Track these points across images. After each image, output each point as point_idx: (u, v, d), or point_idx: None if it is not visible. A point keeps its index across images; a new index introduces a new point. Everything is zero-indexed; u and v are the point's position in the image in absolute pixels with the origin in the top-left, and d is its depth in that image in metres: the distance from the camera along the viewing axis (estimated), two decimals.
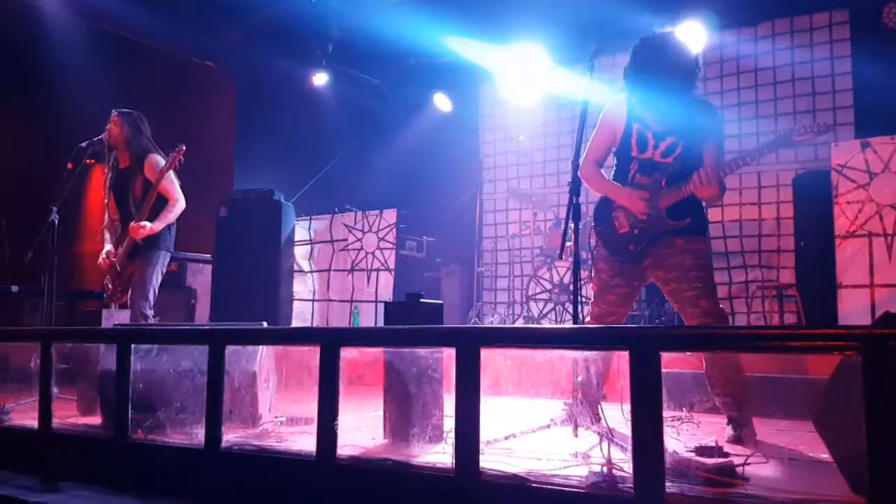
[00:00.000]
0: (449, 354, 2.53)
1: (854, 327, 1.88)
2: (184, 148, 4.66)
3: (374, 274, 7.86)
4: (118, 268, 4.81)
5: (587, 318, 3.68)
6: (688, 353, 3.78)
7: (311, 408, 2.79)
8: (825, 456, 2.31)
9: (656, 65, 3.32)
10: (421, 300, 3.28)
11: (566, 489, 2.18)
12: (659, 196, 3.43)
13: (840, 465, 2.18)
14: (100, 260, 4.92)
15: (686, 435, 3.24)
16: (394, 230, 7.83)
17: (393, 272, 7.75)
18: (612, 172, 3.67)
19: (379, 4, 7.95)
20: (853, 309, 5.22)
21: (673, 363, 3.96)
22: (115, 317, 4.24)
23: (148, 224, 4.67)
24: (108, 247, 4.92)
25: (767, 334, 2.16)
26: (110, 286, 4.89)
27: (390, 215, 7.88)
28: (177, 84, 8.75)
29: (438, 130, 9.33)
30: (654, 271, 3.51)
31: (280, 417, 3.64)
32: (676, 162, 3.42)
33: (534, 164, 8.88)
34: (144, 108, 5.09)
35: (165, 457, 2.96)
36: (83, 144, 4.92)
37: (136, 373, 3.12)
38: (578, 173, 3.41)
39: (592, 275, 3.83)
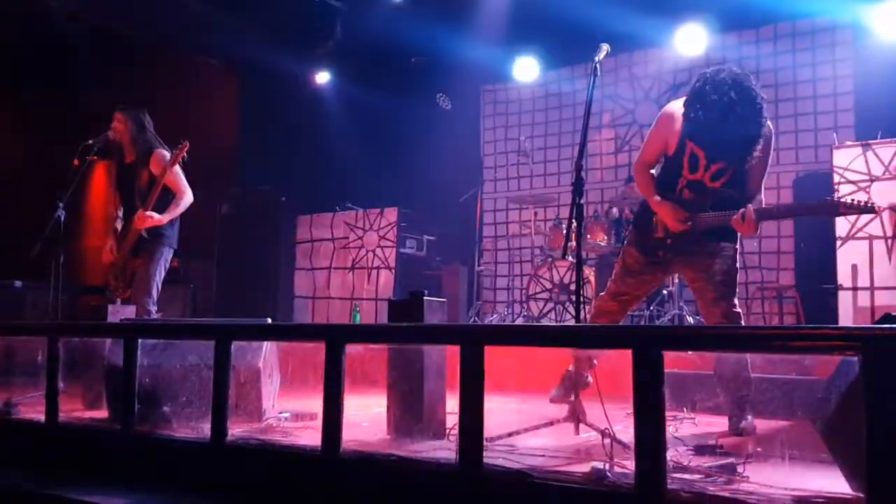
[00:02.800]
0: (452, 351, 2.56)
1: (855, 328, 1.92)
2: (188, 144, 4.68)
3: (374, 272, 7.89)
4: (121, 263, 4.83)
5: (601, 293, 3.80)
6: (689, 354, 3.82)
7: (314, 404, 2.82)
8: (825, 455, 2.34)
9: (721, 104, 3.28)
10: (425, 297, 3.31)
11: (568, 485, 2.21)
12: (700, 217, 3.47)
13: (839, 463, 2.21)
14: (103, 254, 4.95)
15: (686, 433, 3.27)
16: (394, 228, 7.87)
17: (393, 270, 7.78)
18: (659, 173, 3.70)
19: (382, 3, 7.98)
20: (853, 311, 5.26)
21: (674, 363, 3.98)
22: (122, 312, 4.26)
23: (155, 214, 4.69)
24: (111, 241, 4.95)
25: (769, 334, 2.20)
26: (112, 281, 4.91)
27: (391, 214, 7.91)
28: (181, 82, 8.77)
29: (440, 129, 9.34)
30: (682, 269, 3.66)
31: (284, 413, 3.66)
32: (724, 188, 3.48)
33: (534, 163, 8.91)
34: (149, 105, 5.11)
35: (171, 450, 2.99)
36: (89, 142, 4.95)
37: (142, 367, 3.15)
38: (632, 171, 3.62)
39: (620, 255, 3.84)
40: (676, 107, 3.54)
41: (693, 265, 3.55)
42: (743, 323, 3.56)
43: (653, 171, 3.68)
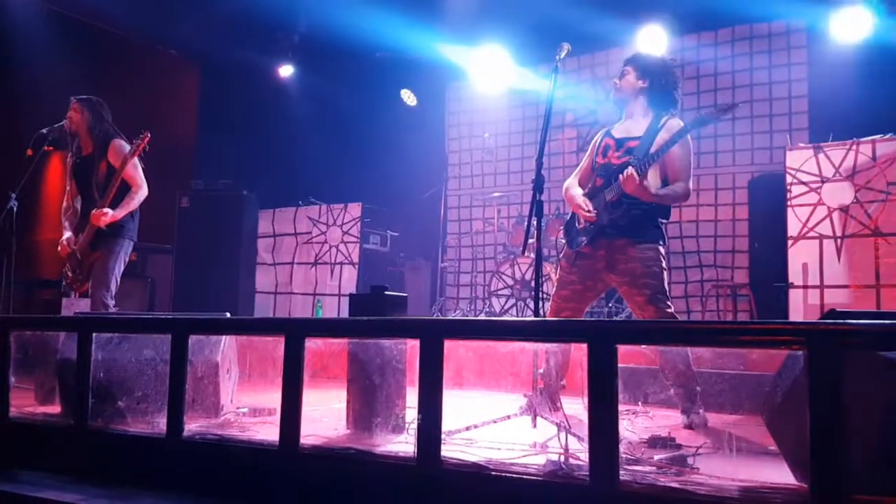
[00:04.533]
0: (412, 346, 2.58)
1: (801, 322, 1.98)
2: (149, 135, 4.62)
3: (337, 267, 7.87)
4: (79, 256, 4.75)
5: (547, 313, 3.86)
6: (643, 349, 3.90)
7: (273, 399, 2.81)
8: (772, 447, 2.41)
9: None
10: (386, 292, 3.32)
11: (524, 477, 2.24)
12: (606, 191, 3.70)
13: (786, 454, 2.28)
14: (59, 247, 4.85)
15: (640, 426, 3.34)
16: (358, 224, 7.85)
17: (356, 266, 7.77)
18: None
19: None
20: (803, 308, 5.40)
21: (629, 358, 4.06)
22: (76, 305, 4.19)
23: (110, 211, 4.62)
24: (67, 234, 4.85)
25: (719, 328, 2.26)
26: (70, 274, 4.82)
27: (355, 209, 7.89)
28: (139, 72, 8.62)
29: (404, 125, 9.35)
30: (607, 274, 3.73)
31: (242, 408, 3.64)
32: (631, 162, 3.63)
33: (498, 161, 8.96)
34: (106, 95, 5.02)
35: (126, 445, 2.95)
36: (43, 131, 4.85)
37: (96, 361, 3.10)
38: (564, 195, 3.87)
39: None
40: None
41: (616, 270, 3.66)
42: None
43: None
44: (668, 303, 3.59)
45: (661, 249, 3.66)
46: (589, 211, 3.69)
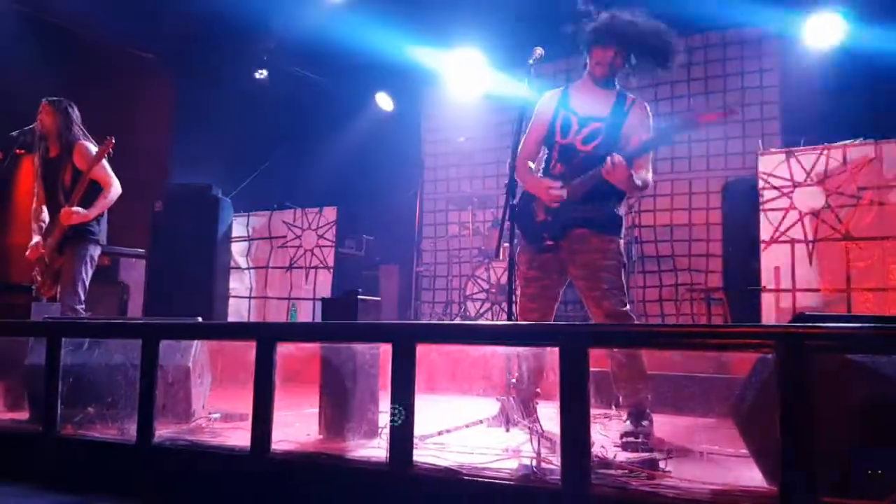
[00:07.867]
0: (385, 350, 2.57)
1: (770, 326, 2.00)
2: (113, 140, 4.59)
3: (312, 271, 7.82)
4: (46, 260, 4.69)
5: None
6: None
7: (245, 405, 2.78)
8: (743, 450, 2.43)
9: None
10: (359, 297, 3.30)
11: (496, 482, 2.24)
12: (574, 183, 3.39)
13: (755, 457, 2.30)
14: (28, 252, 4.79)
15: (613, 430, 3.35)
16: (333, 228, 7.81)
17: (332, 270, 7.72)
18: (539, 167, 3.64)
19: (323, 1, 7.92)
20: (775, 311, 5.46)
21: (602, 362, 4.06)
22: (46, 310, 4.12)
23: (81, 210, 4.57)
24: (36, 238, 4.79)
25: (690, 332, 2.27)
26: (38, 278, 4.76)
27: (330, 213, 7.85)
28: (114, 75, 8.51)
29: (380, 130, 9.33)
30: (568, 266, 3.46)
31: (214, 414, 3.60)
32: (596, 150, 3.39)
33: (474, 165, 8.96)
34: (80, 98, 4.96)
35: (96, 452, 2.91)
36: (14, 133, 4.78)
37: (66, 367, 3.06)
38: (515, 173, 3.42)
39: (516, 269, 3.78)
40: (550, 91, 3.67)
41: (575, 261, 3.39)
42: (635, 320, 3.40)
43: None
44: (625, 300, 3.34)
45: (622, 243, 3.44)
46: (555, 195, 3.39)
